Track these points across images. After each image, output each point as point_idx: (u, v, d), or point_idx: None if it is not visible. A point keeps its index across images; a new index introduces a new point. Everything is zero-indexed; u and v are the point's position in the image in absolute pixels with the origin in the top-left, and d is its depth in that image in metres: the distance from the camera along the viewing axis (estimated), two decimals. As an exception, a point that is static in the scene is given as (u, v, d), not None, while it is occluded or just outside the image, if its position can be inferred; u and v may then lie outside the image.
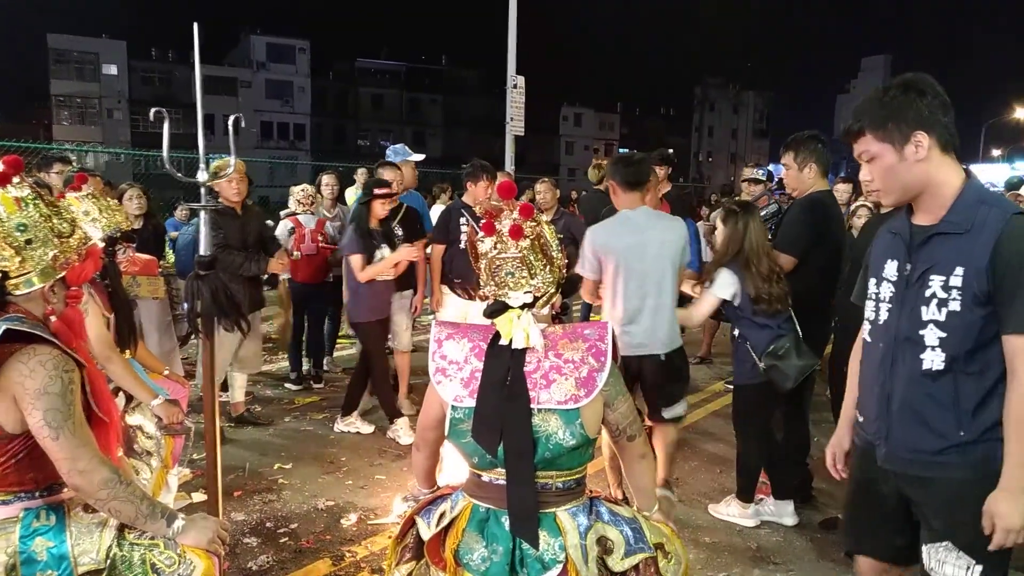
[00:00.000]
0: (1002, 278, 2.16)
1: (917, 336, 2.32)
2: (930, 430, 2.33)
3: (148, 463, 3.65)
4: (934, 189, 2.31)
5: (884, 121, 2.32)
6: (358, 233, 5.77)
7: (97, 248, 2.51)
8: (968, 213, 2.25)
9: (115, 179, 8.51)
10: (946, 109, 2.29)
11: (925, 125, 2.27)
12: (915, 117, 2.27)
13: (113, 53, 55.24)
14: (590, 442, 2.24)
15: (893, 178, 2.36)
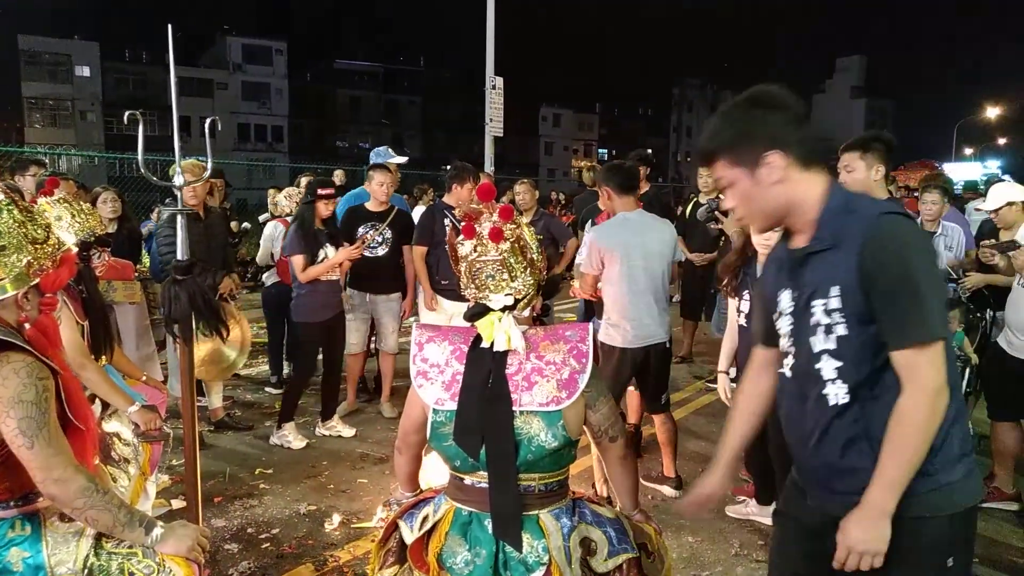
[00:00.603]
0: (871, 291, 1.96)
1: (815, 370, 2.10)
2: (848, 469, 2.08)
3: (126, 470, 3.60)
4: (800, 209, 2.10)
5: (733, 144, 2.12)
6: (300, 233, 5.75)
7: (72, 254, 2.48)
8: (834, 225, 2.04)
9: (89, 182, 8.42)
10: (801, 121, 2.09)
11: (777, 143, 2.05)
12: (765, 136, 2.06)
13: (86, 54, 54.70)
14: (572, 444, 2.24)
15: (752, 204, 2.15)
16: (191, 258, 3.23)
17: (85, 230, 3.71)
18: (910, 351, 1.95)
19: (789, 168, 2.07)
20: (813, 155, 2.10)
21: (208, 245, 5.68)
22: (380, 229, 6.46)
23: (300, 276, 5.75)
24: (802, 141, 2.08)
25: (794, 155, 2.07)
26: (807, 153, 2.09)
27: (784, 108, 2.09)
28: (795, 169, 2.07)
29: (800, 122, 2.09)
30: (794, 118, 2.09)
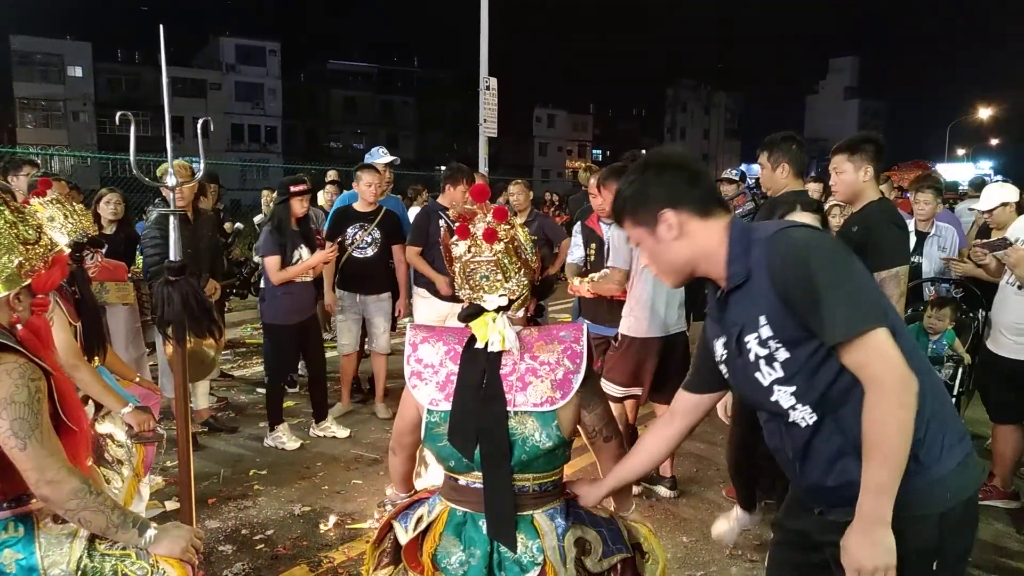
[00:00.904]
0: (794, 308, 1.97)
1: (772, 403, 2.10)
2: (843, 484, 2.04)
3: (119, 472, 3.59)
4: (708, 256, 2.14)
5: (633, 208, 2.19)
6: (276, 234, 5.72)
7: (64, 255, 2.47)
8: (742, 259, 2.08)
9: (82, 183, 8.43)
10: (694, 176, 2.15)
11: (670, 202, 2.11)
12: (657, 197, 2.13)
13: (78, 55, 54.56)
14: (566, 444, 2.24)
15: (659, 260, 2.21)
16: (183, 259, 3.22)
17: (78, 231, 3.70)
18: (849, 349, 1.93)
19: (685, 222, 2.12)
20: (708, 204, 2.14)
21: (195, 248, 5.64)
22: (369, 229, 6.47)
23: (273, 277, 5.72)
24: (695, 195, 2.13)
25: (688, 209, 2.12)
26: (701, 205, 2.13)
27: (674, 167, 2.16)
28: (693, 222, 2.12)
29: (695, 176, 2.15)
30: (685, 176, 2.14)
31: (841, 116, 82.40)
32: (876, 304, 1.98)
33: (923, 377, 1.94)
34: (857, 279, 1.98)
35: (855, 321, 1.91)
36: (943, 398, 2.09)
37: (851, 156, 4.04)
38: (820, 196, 8.59)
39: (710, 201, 2.14)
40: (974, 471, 2.08)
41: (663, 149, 2.28)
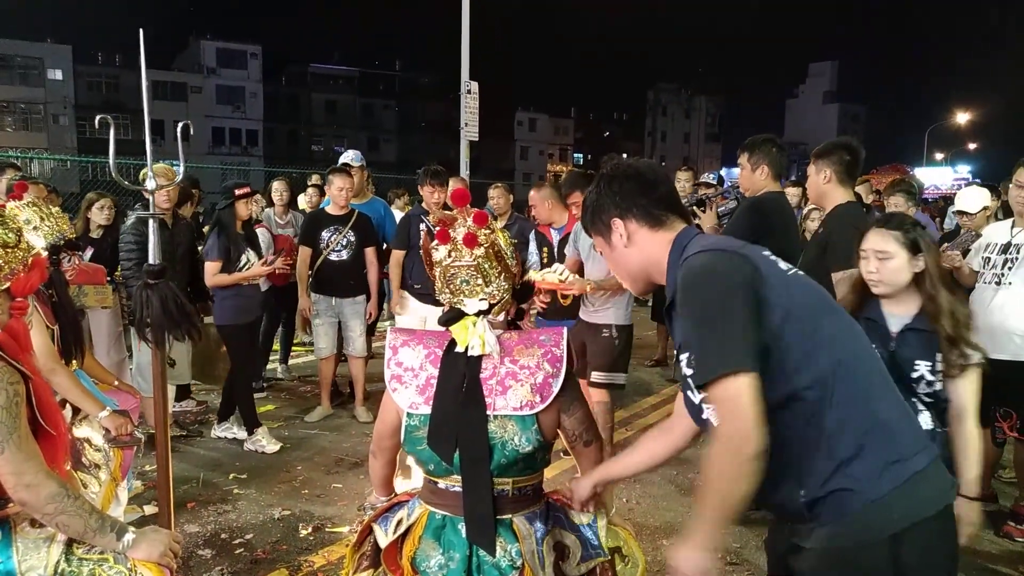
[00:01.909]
0: (686, 330, 2.00)
1: (704, 422, 2.08)
2: (783, 502, 2.04)
3: (96, 476, 3.57)
4: (656, 265, 2.17)
5: (591, 217, 2.26)
6: (221, 238, 5.72)
7: (42, 258, 2.46)
8: (671, 277, 2.10)
9: (61, 186, 8.37)
10: (646, 187, 2.17)
11: (619, 212, 2.16)
12: (609, 207, 2.19)
13: (58, 58, 54.14)
14: (546, 448, 2.25)
15: (616, 267, 2.29)
16: (163, 262, 3.21)
17: (55, 233, 3.68)
18: (707, 389, 1.89)
19: (635, 231, 2.16)
20: (659, 214, 2.15)
21: (172, 255, 5.61)
22: (344, 232, 6.48)
23: (208, 280, 5.74)
24: (644, 204, 2.15)
25: (637, 219, 2.15)
26: (650, 214, 2.15)
27: (626, 178, 2.19)
28: (642, 231, 2.16)
29: (646, 187, 2.17)
30: (636, 186, 2.17)
31: (821, 120, 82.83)
32: (742, 350, 1.85)
33: (854, 390, 1.92)
34: (730, 321, 1.88)
35: (713, 365, 1.86)
36: (890, 415, 1.97)
37: (816, 160, 4.20)
38: (799, 200, 8.69)
39: (662, 211, 2.16)
40: (928, 490, 1.95)
41: (617, 163, 2.29)
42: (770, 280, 1.94)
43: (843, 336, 2.00)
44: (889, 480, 1.90)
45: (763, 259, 2.01)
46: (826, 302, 2.07)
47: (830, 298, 2.13)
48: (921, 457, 1.95)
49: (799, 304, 1.96)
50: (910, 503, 1.91)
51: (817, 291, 2.07)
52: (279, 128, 63.71)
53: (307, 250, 6.54)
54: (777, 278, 1.97)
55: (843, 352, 1.96)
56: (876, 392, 1.99)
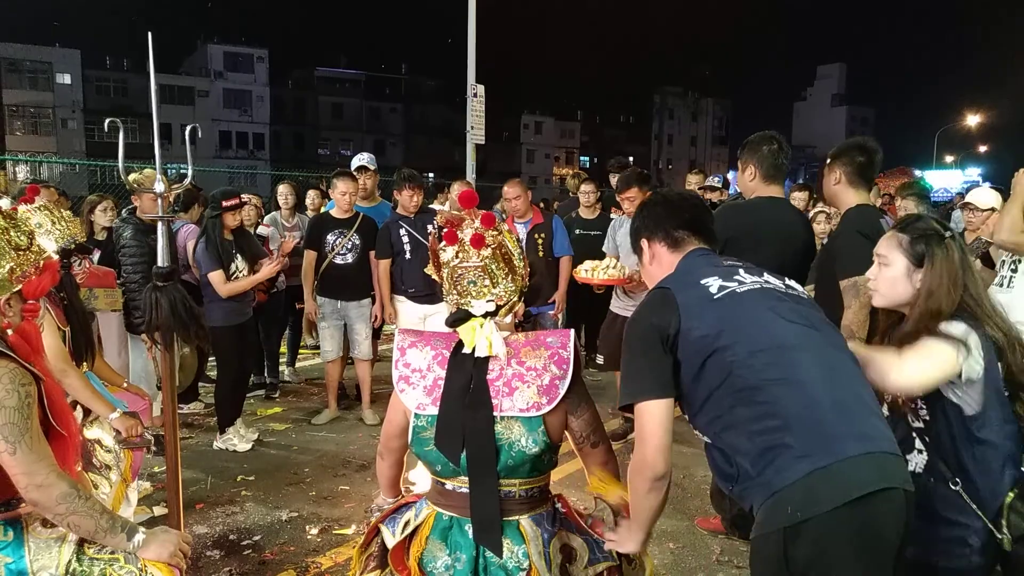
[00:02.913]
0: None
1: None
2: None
3: (107, 477, 3.59)
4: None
5: (632, 237, 2.65)
6: (211, 248, 5.76)
7: (54, 261, 2.48)
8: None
9: (71, 190, 8.42)
10: (671, 211, 2.51)
11: (645, 234, 2.55)
12: (641, 228, 2.56)
13: (67, 62, 54.35)
14: (553, 449, 2.25)
15: (647, 281, 2.59)
16: (171, 265, 3.23)
17: (66, 237, 3.70)
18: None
19: (657, 252, 2.52)
20: (680, 237, 2.48)
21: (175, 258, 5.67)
22: (348, 235, 6.50)
23: (221, 291, 5.77)
24: (666, 227, 2.49)
25: (659, 240, 2.51)
26: (671, 236, 2.49)
27: (657, 204, 2.59)
28: (664, 252, 2.50)
29: (669, 212, 2.51)
30: (663, 210, 2.53)
31: (829, 123, 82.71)
32: (648, 383, 2.20)
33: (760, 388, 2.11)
34: (643, 358, 2.23)
35: (624, 395, 2.23)
36: (798, 410, 2.06)
37: (829, 162, 4.07)
38: (806, 204, 8.66)
39: (683, 233, 2.47)
40: (830, 487, 1.99)
41: (663, 190, 2.70)
42: (687, 311, 2.21)
43: (743, 339, 2.16)
44: (789, 473, 2.03)
45: (689, 290, 2.27)
46: (746, 312, 2.21)
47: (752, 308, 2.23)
48: (828, 455, 2.01)
49: (710, 324, 2.17)
50: (808, 497, 2.00)
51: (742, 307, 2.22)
52: (286, 131, 63.81)
53: (312, 253, 6.56)
54: (696, 306, 2.22)
55: (740, 353, 2.13)
56: (787, 390, 2.10)
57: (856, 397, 2.13)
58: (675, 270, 2.43)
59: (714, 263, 2.40)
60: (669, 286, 2.31)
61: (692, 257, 2.44)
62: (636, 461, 2.20)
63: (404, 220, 6.48)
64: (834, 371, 2.15)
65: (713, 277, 2.29)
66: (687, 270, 2.39)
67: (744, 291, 2.25)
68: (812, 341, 2.18)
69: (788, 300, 2.27)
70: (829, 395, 2.08)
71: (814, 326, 2.23)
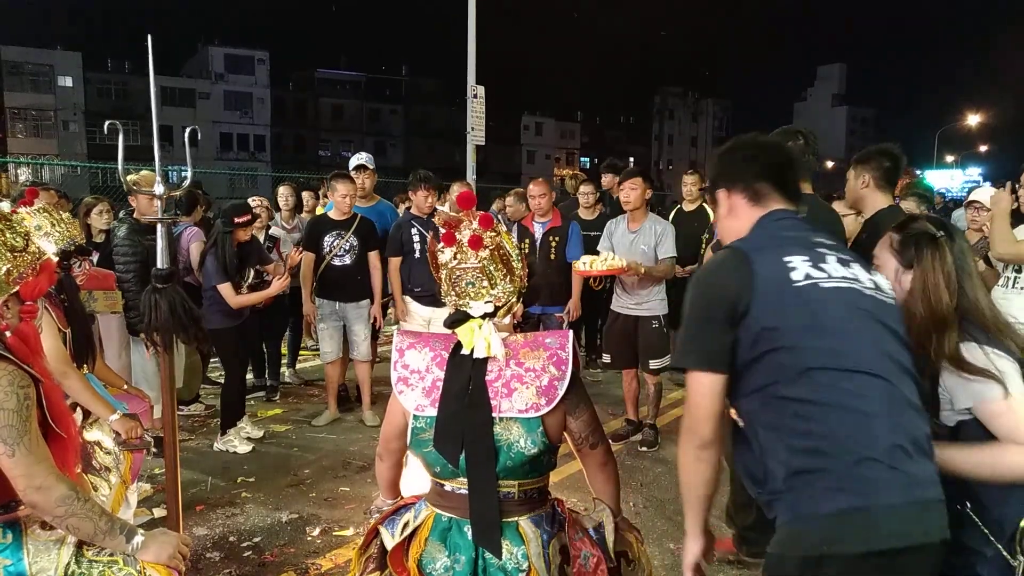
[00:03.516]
0: None
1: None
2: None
3: (107, 479, 3.59)
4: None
5: (709, 190, 2.52)
6: (220, 262, 5.82)
7: (51, 262, 2.48)
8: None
9: (72, 192, 8.40)
10: (754, 161, 2.33)
11: (723, 183, 2.37)
12: (718, 176, 2.41)
13: (68, 65, 54.47)
14: (552, 451, 2.25)
15: (722, 234, 2.48)
16: (170, 267, 3.24)
17: (65, 239, 3.70)
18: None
19: (735, 204, 2.33)
20: (760, 190, 2.28)
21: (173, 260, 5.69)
22: (346, 237, 6.51)
23: (232, 303, 5.84)
24: (745, 179, 2.29)
25: (739, 192, 2.31)
26: (751, 188, 2.29)
27: (736, 150, 2.38)
28: (743, 205, 2.31)
29: (753, 161, 2.31)
30: (744, 160, 2.33)
31: (829, 123, 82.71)
32: (706, 351, 2.10)
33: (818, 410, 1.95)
34: (705, 324, 2.11)
35: (680, 354, 2.15)
36: (854, 443, 1.92)
37: (855, 165, 4.13)
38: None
39: (765, 187, 2.28)
40: (864, 530, 1.88)
41: (746, 136, 2.42)
42: (763, 294, 2.03)
43: (814, 349, 1.99)
44: (825, 503, 1.91)
45: (768, 265, 2.08)
46: (824, 317, 2.01)
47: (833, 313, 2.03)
48: (868, 497, 1.89)
49: (783, 318, 2.02)
50: (836, 534, 1.90)
51: (823, 309, 2.02)
52: (286, 133, 63.95)
53: (310, 255, 6.56)
54: (774, 292, 2.04)
55: (807, 361, 1.98)
56: (846, 417, 1.94)
57: (914, 440, 1.95)
58: (754, 230, 2.24)
59: (801, 238, 2.19)
60: (747, 250, 2.13)
61: (774, 220, 2.24)
62: (683, 428, 2.14)
63: (417, 220, 6.54)
64: (899, 407, 1.97)
65: (799, 257, 2.09)
66: (770, 235, 2.20)
67: (830, 288, 2.05)
68: (885, 366, 1.99)
69: (872, 307, 2.06)
70: (889, 436, 1.92)
71: (890, 350, 2.02)
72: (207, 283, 5.90)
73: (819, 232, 2.24)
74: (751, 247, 2.15)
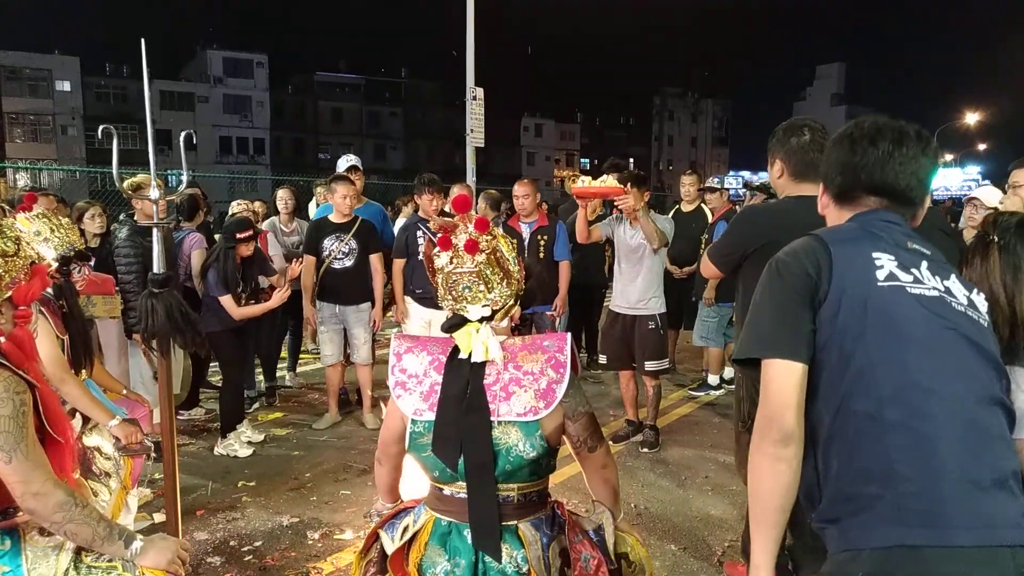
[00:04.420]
0: None
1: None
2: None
3: (107, 484, 3.60)
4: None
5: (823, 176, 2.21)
6: (222, 275, 5.87)
7: (43, 266, 2.47)
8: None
9: (71, 197, 8.42)
10: (847, 161, 2.04)
11: (823, 179, 2.17)
12: (821, 172, 2.20)
13: (66, 69, 54.50)
14: (551, 454, 2.24)
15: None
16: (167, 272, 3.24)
17: (65, 244, 3.70)
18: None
19: (826, 203, 2.16)
20: (851, 188, 2.04)
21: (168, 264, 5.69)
22: (345, 240, 6.51)
23: (234, 314, 5.90)
24: (839, 181, 2.07)
25: (831, 192, 2.12)
26: (840, 192, 2.08)
27: (834, 145, 2.12)
28: (831, 206, 2.14)
29: (846, 162, 2.04)
30: (839, 158, 2.07)
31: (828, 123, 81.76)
32: (785, 334, 1.85)
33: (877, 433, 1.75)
34: (786, 306, 1.88)
35: (750, 343, 1.92)
36: (916, 470, 1.71)
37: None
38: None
39: (858, 194, 2.03)
40: (914, 569, 1.68)
41: (856, 122, 2.12)
42: (837, 284, 1.83)
43: (883, 357, 1.78)
44: (876, 535, 1.72)
45: (850, 256, 1.88)
46: (900, 325, 1.81)
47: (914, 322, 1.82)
48: (931, 533, 1.67)
49: (855, 315, 1.81)
50: (884, 570, 1.70)
51: (904, 315, 1.82)
52: (286, 136, 63.99)
53: (311, 258, 6.56)
54: (853, 285, 1.83)
55: (871, 373, 1.77)
56: (911, 440, 1.73)
57: (993, 470, 1.72)
58: (843, 225, 2.04)
59: (897, 237, 1.94)
60: (827, 240, 1.93)
61: (869, 217, 2.01)
62: (759, 424, 1.84)
63: (424, 223, 6.59)
64: (978, 433, 1.75)
65: (888, 256, 1.88)
66: (861, 225, 1.98)
67: (915, 294, 1.83)
68: (968, 390, 1.78)
69: (962, 323, 1.84)
70: (961, 464, 1.70)
71: (977, 373, 1.81)
72: (208, 292, 5.93)
73: (917, 238, 1.99)
74: (831, 236, 1.95)
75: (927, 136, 2.03)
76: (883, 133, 2.00)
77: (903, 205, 2.01)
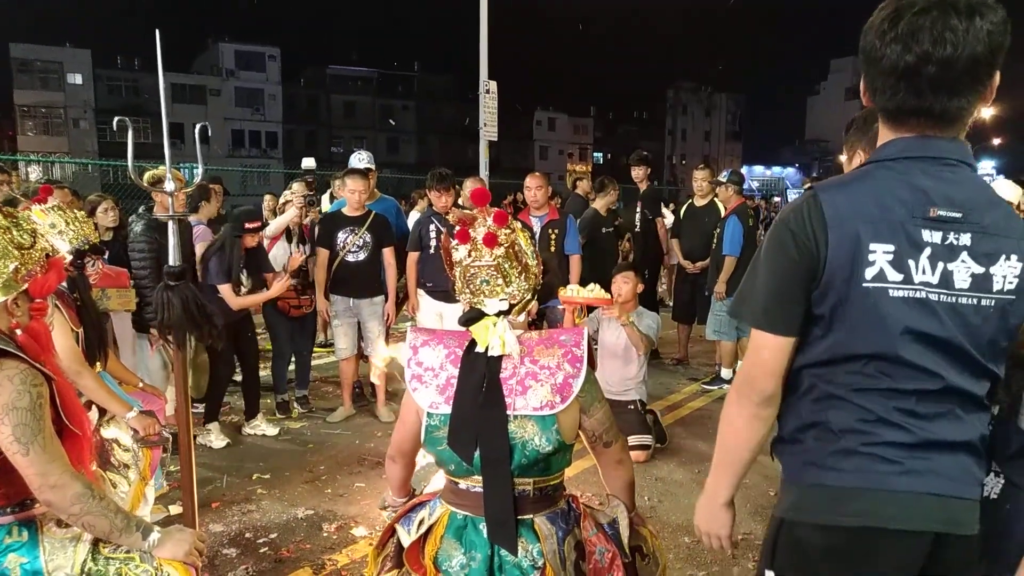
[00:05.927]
0: None
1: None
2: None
3: (126, 476, 3.61)
4: None
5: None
6: (224, 263, 5.84)
7: (59, 259, 2.48)
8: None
9: (83, 190, 8.42)
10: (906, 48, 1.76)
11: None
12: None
13: (78, 62, 54.58)
14: (567, 448, 2.23)
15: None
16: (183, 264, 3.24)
17: (79, 238, 3.71)
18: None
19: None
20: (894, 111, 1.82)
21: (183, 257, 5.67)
22: (359, 233, 6.52)
23: (232, 304, 5.84)
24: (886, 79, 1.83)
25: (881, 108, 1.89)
26: (886, 109, 1.85)
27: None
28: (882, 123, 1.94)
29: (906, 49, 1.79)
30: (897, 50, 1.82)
31: (842, 117, 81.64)
32: (776, 310, 1.82)
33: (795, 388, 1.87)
34: (762, 273, 1.84)
35: (743, 305, 1.91)
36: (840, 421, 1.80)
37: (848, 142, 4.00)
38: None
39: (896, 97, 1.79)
40: (839, 503, 1.80)
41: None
42: (829, 276, 1.75)
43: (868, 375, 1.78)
44: (809, 474, 1.85)
45: (844, 250, 1.73)
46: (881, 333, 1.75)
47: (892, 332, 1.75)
48: (858, 476, 1.78)
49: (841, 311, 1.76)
50: (813, 504, 1.85)
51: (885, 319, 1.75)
52: (298, 130, 63.91)
53: (324, 252, 6.57)
54: (841, 288, 1.75)
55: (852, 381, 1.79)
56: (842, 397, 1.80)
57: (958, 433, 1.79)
58: (865, 180, 1.81)
59: (917, 202, 1.73)
60: (828, 217, 1.75)
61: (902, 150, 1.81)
62: (739, 383, 1.92)
63: (437, 217, 6.68)
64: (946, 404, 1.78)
65: (886, 246, 1.72)
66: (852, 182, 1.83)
67: (898, 297, 1.73)
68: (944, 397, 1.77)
69: (948, 325, 1.74)
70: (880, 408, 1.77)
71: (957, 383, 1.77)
72: (207, 281, 5.89)
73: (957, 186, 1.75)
74: (836, 212, 1.75)
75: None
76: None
77: (953, 127, 1.79)
